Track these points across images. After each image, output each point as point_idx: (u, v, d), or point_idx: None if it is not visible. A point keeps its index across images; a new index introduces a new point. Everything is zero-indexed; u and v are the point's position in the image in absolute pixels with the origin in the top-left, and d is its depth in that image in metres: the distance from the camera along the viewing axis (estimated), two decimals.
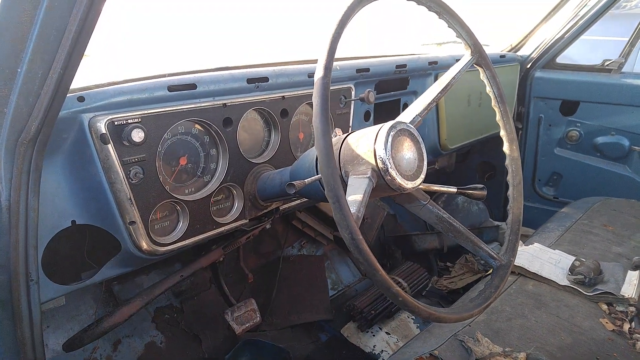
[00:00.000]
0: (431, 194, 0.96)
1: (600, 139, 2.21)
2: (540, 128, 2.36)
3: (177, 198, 1.04)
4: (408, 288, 1.97)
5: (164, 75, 1.03)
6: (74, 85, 0.88)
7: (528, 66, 2.32)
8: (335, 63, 1.47)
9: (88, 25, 0.65)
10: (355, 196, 0.72)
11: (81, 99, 0.87)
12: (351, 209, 0.68)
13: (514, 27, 2.40)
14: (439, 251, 2.35)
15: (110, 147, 0.89)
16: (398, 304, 0.66)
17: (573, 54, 2.35)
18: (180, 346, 1.70)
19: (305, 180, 0.82)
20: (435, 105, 1.87)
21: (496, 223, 2.56)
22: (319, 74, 0.64)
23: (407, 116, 0.90)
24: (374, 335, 1.80)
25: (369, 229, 2.13)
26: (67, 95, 0.85)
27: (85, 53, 0.79)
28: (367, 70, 1.48)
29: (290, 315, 1.90)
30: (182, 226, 1.08)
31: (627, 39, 2.15)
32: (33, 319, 0.89)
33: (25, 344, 0.90)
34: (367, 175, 0.78)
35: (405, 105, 1.80)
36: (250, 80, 1.15)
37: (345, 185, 0.81)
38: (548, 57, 2.26)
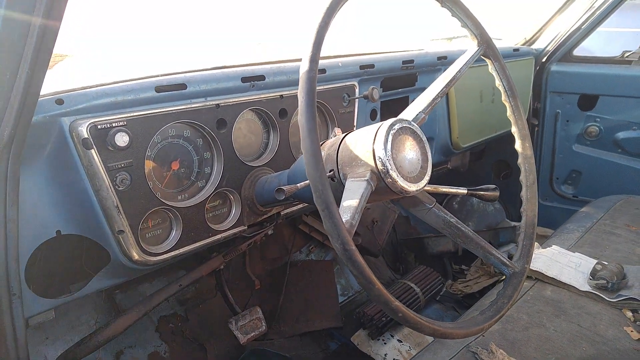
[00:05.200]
0: (443, 195, 0.89)
1: (621, 134, 2.10)
2: (557, 124, 2.26)
3: (168, 205, 0.99)
4: (421, 293, 1.89)
5: (153, 76, 0.98)
6: (55, 88, 0.84)
7: (543, 60, 2.22)
8: (337, 59, 1.41)
9: (52, 21, 0.60)
10: (351, 201, 0.66)
11: (60, 101, 0.82)
12: (345, 216, 0.61)
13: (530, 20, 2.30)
14: (454, 254, 2.27)
15: (93, 152, 0.84)
16: (398, 320, 0.59)
17: (590, 47, 2.25)
18: (185, 356, 1.65)
19: (298, 184, 0.76)
20: (445, 102, 1.83)
21: (513, 223, 2.47)
22: (304, 67, 0.58)
23: (409, 113, 0.83)
24: (385, 343, 1.72)
25: (380, 231, 2.05)
26: (45, 98, 0.81)
27: (67, 53, 0.75)
28: (372, 66, 1.41)
29: (298, 322, 1.84)
30: (175, 234, 1.02)
31: None
32: (17, 336, 0.85)
33: None
34: (366, 178, 0.72)
35: None
36: (245, 79, 1.09)
37: (343, 188, 0.74)
38: (564, 50, 2.16)
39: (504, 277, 1.61)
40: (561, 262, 1.27)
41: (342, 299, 2.04)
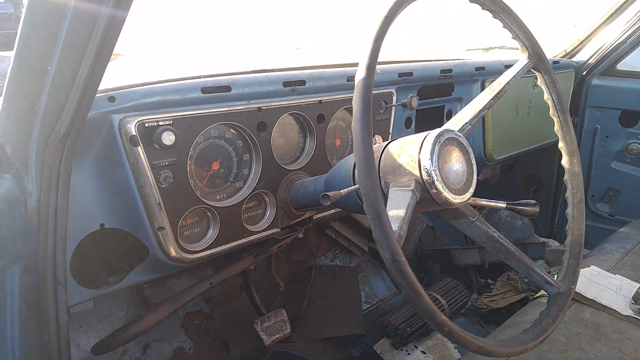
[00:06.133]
0: (477, 208, 0.87)
1: None
2: (595, 139, 2.20)
3: (207, 204, 1.00)
4: (446, 305, 1.86)
5: (198, 77, 1.00)
6: (107, 85, 0.86)
7: (584, 73, 2.16)
8: (376, 67, 1.41)
9: (115, 24, 0.62)
10: (397, 211, 0.65)
11: (112, 99, 0.84)
12: (392, 226, 0.61)
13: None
14: (480, 267, 2.23)
15: (139, 149, 0.86)
16: (443, 334, 0.58)
17: (633, 62, 2.18)
18: (209, 353, 1.67)
19: (341, 191, 0.76)
20: None
21: (542, 239, 2.40)
22: (360, 74, 0.58)
23: (455, 124, 0.82)
24: (408, 354, 1.70)
25: (406, 241, 2.03)
26: (98, 95, 0.83)
27: (119, 52, 0.77)
28: (410, 74, 1.40)
29: (321, 327, 1.84)
30: (212, 233, 1.04)
31: None
32: (60, 322, 0.88)
33: (52, 347, 0.89)
34: (411, 188, 0.71)
35: (450, 113, 1.70)
36: (286, 84, 1.10)
37: (385, 197, 0.74)
38: (607, 64, 2.09)
39: (532, 293, 1.57)
40: (601, 283, 1.23)
41: (365, 306, 2.03)
